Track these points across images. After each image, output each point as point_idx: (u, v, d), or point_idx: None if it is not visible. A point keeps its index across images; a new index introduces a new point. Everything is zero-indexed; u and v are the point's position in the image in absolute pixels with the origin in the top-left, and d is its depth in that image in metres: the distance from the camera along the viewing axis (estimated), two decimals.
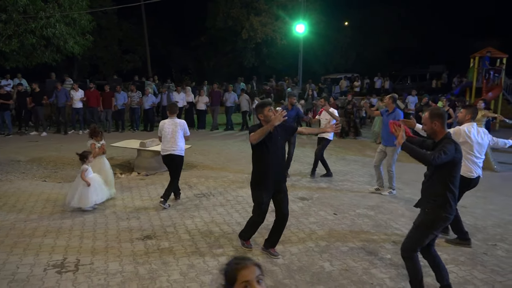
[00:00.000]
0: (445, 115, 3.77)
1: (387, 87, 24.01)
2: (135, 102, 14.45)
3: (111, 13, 23.38)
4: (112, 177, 6.70)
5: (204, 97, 14.88)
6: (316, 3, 26.34)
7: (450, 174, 3.55)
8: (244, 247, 4.70)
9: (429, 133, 3.74)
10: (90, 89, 13.99)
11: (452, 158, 3.48)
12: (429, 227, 3.59)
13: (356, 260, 4.51)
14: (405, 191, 7.36)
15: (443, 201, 3.54)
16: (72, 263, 4.34)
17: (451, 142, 3.56)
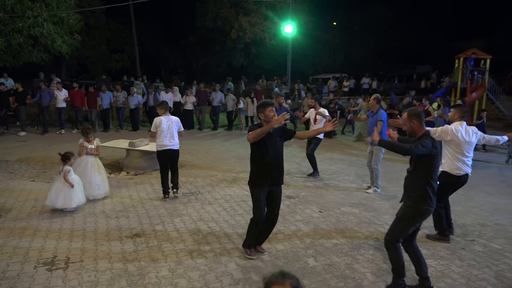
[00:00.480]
0: (423, 114, 3.97)
1: (375, 87, 24.29)
2: (120, 102, 14.43)
3: (99, 12, 23.29)
4: (105, 177, 6.75)
5: (191, 97, 14.92)
6: (305, 3, 26.57)
7: (429, 168, 3.80)
8: (247, 255, 4.58)
9: (409, 132, 3.97)
10: (74, 88, 13.92)
11: (429, 152, 3.72)
12: (410, 219, 3.83)
13: (339, 256, 4.67)
14: (389, 189, 7.55)
15: (423, 195, 3.79)
16: (62, 260, 4.42)
17: (429, 137, 3.81)
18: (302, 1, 25.87)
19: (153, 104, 14.56)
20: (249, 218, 5.77)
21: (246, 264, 4.42)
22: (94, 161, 6.65)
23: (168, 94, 14.76)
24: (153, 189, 7.28)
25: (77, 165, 6.42)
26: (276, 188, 4.50)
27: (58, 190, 5.90)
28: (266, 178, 4.40)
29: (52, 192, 5.91)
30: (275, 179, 4.47)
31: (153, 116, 14.47)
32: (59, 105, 13.48)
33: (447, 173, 5.10)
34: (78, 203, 6.00)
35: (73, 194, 5.92)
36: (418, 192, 3.81)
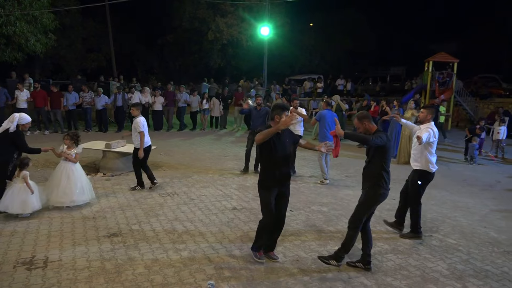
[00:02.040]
0: (369, 115, 4.70)
1: (349, 88, 24.87)
2: (86, 102, 14.35)
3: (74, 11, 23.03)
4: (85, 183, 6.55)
5: (159, 98, 15.01)
6: (281, 6, 26.95)
7: (384, 157, 4.44)
8: (257, 259, 4.62)
9: (363, 131, 4.57)
10: (36, 89, 13.74)
11: (385, 143, 4.34)
12: (369, 202, 4.47)
13: (307, 252, 4.98)
14: (357, 188, 7.91)
15: (379, 180, 4.42)
16: (40, 260, 4.57)
17: (383, 132, 4.47)
18: (278, 3, 26.22)
19: (121, 104, 14.57)
20: (223, 217, 6.10)
21: (219, 261, 4.67)
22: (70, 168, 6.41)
23: (135, 94, 14.73)
24: (130, 190, 7.44)
25: (56, 171, 6.44)
26: (284, 189, 4.53)
27: (14, 194, 5.77)
28: (275, 179, 4.42)
29: (7, 196, 5.76)
30: (284, 180, 4.50)
31: (120, 116, 14.59)
32: (20, 106, 13.18)
33: (426, 172, 5.47)
34: (33, 209, 5.90)
35: (30, 200, 5.83)
36: (375, 179, 4.43)
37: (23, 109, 13.17)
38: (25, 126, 6.28)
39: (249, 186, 7.92)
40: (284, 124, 4.15)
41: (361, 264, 4.58)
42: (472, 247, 5.29)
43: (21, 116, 6.17)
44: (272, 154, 4.38)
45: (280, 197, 4.52)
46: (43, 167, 8.92)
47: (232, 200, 6.99)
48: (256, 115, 9.12)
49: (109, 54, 26.42)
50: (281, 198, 4.54)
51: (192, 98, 15.61)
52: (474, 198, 7.67)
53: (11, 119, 6.09)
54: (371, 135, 4.37)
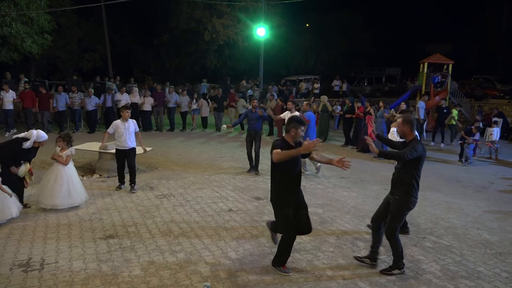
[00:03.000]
0: (414, 121, 4.69)
1: (345, 89, 24.98)
2: (76, 104, 14.20)
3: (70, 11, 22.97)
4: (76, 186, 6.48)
5: (149, 98, 14.95)
6: (277, 7, 26.99)
7: (416, 167, 4.46)
8: (282, 273, 4.49)
9: (401, 134, 4.65)
10: (25, 90, 13.53)
11: (419, 154, 4.37)
12: (402, 210, 4.53)
13: (302, 254, 5.03)
14: (352, 190, 8.00)
15: (410, 189, 4.46)
16: (37, 262, 4.60)
17: (419, 142, 4.50)
18: (274, 4, 26.28)
19: (110, 105, 14.54)
20: (219, 218, 6.13)
21: (214, 263, 4.71)
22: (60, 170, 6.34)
23: (124, 95, 14.68)
24: (126, 191, 7.46)
25: (48, 172, 6.45)
26: (300, 200, 4.47)
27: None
28: (291, 195, 4.35)
29: None
30: (298, 193, 4.45)
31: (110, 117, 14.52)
32: (6, 107, 13.06)
33: None
34: (10, 216, 5.67)
35: (10, 204, 5.63)
36: (406, 186, 4.46)
37: (9, 110, 13.16)
38: (41, 144, 6.26)
39: (245, 187, 7.96)
40: (307, 149, 4.04)
41: (368, 260, 4.74)
42: (465, 249, 5.37)
43: (39, 134, 6.17)
44: (287, 171, 4.29)
45: (300, 209, 4.44)
46: (38, 168, 8.91)
47: (228, 201, 7.03)
48: (251, 117, 9.26)
49: (105, 54, 26.39)
50: (301, 209, 4.45)
51: (181, 99, 15.63)
52: (467, 200, 7.75)
53: (28, 134, 6.12)
54: (405, 150, 4.33)
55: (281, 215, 4.37)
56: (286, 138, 4.35)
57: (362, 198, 7.50)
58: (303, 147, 4.07)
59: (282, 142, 4.28)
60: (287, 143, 4.30)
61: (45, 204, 6.22)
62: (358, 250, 5.19)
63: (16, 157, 6.09)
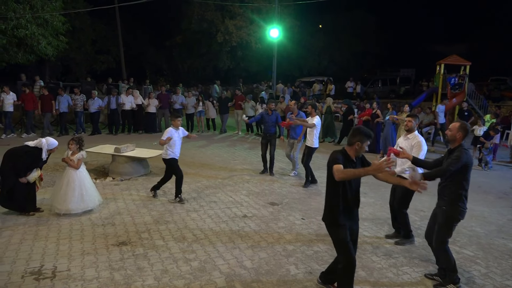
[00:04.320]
0: (469, 130, 4.44)
1: (359, 91, 24.67)
2: (79, 106, 14.13)
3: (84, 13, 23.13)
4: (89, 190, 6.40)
5: (153, 100, 14.88)
6: (290, 7, 26.82)
7: (464, 176, 4.27)
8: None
9: (450, 139, 4.39)
10: (25, 91, 13.45)
11: (464, 163, 4.17)
12: (450, 222, 4.34)
13: (320, 263, 4.85)
14: (369, 195, 7.79)
15: (458, 199, 4.28)
16: (49, 270, 4.50)
17: (464, 151, 4.24)
18: (287, 5, 26.10)
19: (115, 107, 14.48)
20: (233, 225, 5.99)
21: (229, 273, 4.57)
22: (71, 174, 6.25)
23: (129, 97, 14.61)
24: (139, 195, 7.38)
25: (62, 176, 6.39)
26: (356, 224, 4.03)
27: None
28: (350, 215, 3.90)
29: None
30: (357, 213, 4.00)
31: (114, 119, 14.47)
32: (6, 109, 13.07)
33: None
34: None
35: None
36: (452, 196, 4.28)
37: (8, 112, 13.17)
38: (52, 151, 6.30)
39: (259, 192, 7.81)
40: (377, 170, 3.55)
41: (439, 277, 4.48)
42: (490, 260, 5.13)
43: (48, 142, 6.16)
44: (346, 189, 3.80)
45: (351, 233, 3.93)
46: (52, 171, 8.89)
47: (242, 207, 6.88)
48: (268, 120, 9.20)
49: (118, 56, 26.53)
50: (353, 233, 3.95)
51: (187, 100, 15.55)
52: (489, 207, 7.48)
53: (38, 143, 6.09)
54: (446, 164, 4.17)
55: (337, 238, 3.87)
56: (348, 151, 3.82)
57: (379, 205, 7.29)
58: (372, 168, 3.55)
59: (343, 156, 3.76)
60: (348, 157, 3.80)
61: (59, 209, 6.16)
62: (378, 260, 5.00)
63: (32, 167, 6.10)
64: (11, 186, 6.02)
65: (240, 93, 16.58)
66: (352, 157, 3.82)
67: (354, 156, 3.83)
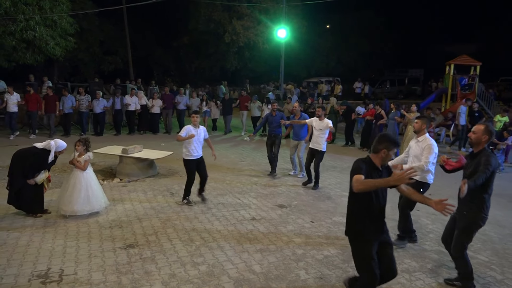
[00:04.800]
0: (494, 133, 4.24)
1: (367, 91, 24.49)
2: (83, 106, 14.09)
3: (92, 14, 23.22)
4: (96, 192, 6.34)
5: (158, 101, 14.82)
6: (298, 8, 26.71)
7: (489, 180, 4.05)
8: None
9: (475, 141, 4.21)
10: (29, 92, 13.45)
11: (494, 167, 4.00)
12: (470, 228, 4.19)
13: (330, 268, 4.76)
14: None
15: (480, 203, 4.10)
16: (56, 273, 4.45)
17: (491, 155, 4.09)
18: (295, 5, 25.99)
19: (119, 108, 14.44)
20: (241, 228, 5.91)
21: (238, 277, 4.48)
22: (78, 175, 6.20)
23: (133, 97, 14.58)
24: (146, 197, 7.33)
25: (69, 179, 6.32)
26: (386, 235, 3.67)
27: None
28: (376, 229, 3.60)
29: None
30: (384, 226, 3.68)
31: (118, 119, 14.45)
32: (10, 109, 13.08)
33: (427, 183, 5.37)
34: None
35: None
36: (476, 201, 4.10)
37: (13, 112, 13.17)
38: (61, 153, 6.31)
39: (267, 194, 7.72)
40: (399, 181, 3.26)
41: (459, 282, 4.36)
42: (505, 266, 5.00)
43: (57, 144, 6.14)
44: (372, 199, 3.51)
45: (384, 247, 3.63)
46: (60, 172, 8.87)
47: (250, 209, 6.80)
48: (272, 121, 9.16)
49: (126, 57, 26.60)
50: (386, 247, 3.64)
51: (192, 101, 15.48)
52: (502, 210, 7.33)
53: (47, 145, 6.06)
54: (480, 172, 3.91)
55: (360, 254, 3.56)
56: (373, 159, 3.56)
57: (390, 208, 7.10)
58: (394, 178, 3.29)
59: (366, 165, 3.49)
60: (372, 165, 3.53)
61: (64, 211, 6.12)
62: None
63: (40, 169, 6.09)
64: (19, 187, 6.00)
65: (245, 94, 16.50)
66: (378, 166, 3.56)
67: (380, 165, 3.57)
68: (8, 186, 6.11)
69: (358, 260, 3.60)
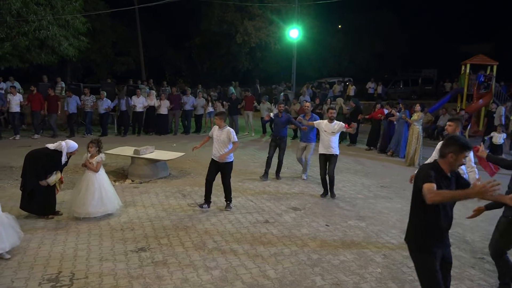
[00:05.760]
0: None
1: (380, 91, 24.18)
2: (88, 106, 14.09)
3: (104, 15, 23.33)
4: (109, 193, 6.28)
5: (165, 101, 14.71)
6: (310, 8, 26.49)
7: None
8: None
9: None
10: (32, 92, 13.43)
11: None
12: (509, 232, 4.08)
13: (347, 274, 4.60)
14: (395, 201, 7.47)
15: None
16: (66, 277, 4.38)
17: None
18: (307, 5, 25.79)
19: (125, 108, 14.38)
20: (255, 231, 5.78)
21: (252, 283, 4.36)
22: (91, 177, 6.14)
23: (140, 98, 14.48)
24: (158, 198, 7.24)
25: (81, 179, 6.27)
26: (448, 249, 3.43)
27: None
28: (441, 239, 3.34)
29: None
30: (448, 236, 3.42)
31: (124, 120, 14.40)
32: (13, 109, 13.11)
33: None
34: (12, 245, 4.80)
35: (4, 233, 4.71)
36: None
37: (16, 113, 13.21)
38: (73, 153, 6.25)
39: (281, 196, 7.59)
40: (480, 194, 2.93)
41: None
42: None
43: (68, 145, 6.08)
44: (440, 209, 3.24)
45: (445, 265, 3.37)
46: (72, 172, 8.85)
47: (263, 212, 6.67)
48: (278, 122, 8.97)
49: (138, 58, 26.68)
50: (446, 265, 3.40)
51: (197, 101, 15.41)
52: None
53: (58, 146, 6.02)
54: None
55: (425, 266, 3.29)
56: (441, 164, 3.24)
57: (406, 211, 6.87)
58: (475, 191, 2.92)
59: (434, 172, 3.17)
60: (441, 172, 3.22)
61: (78, 213, 6.06)
62: (409, 271, 4.71)
63: (52, 170, 6.05)
64: (32, 188, 5.96)
65: (250, 94, 16.34)
66: (446, 172, 3.24)
67: (448, 171, 3.25)
68: (22, 187, 6.08)
69: (423, 272, 3.32)
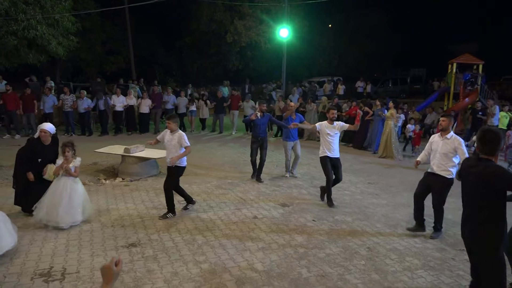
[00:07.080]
0: None
1: (369, 90, 24.47)
2: (68, 106, 13.98)
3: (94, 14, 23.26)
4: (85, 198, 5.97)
5: (146, 100, 14.69)
6: (300, 7, 26.68)
7: None
8: None
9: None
10: (7, 91, 13.26)
11: None
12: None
13: (332, 266, 4.75)
14: (381, 197, 7.66)
15: None
16: (58, 271, 4.47)
17: None
18: (297, 5, 25.97)
19: (103, 108, 14.33)
20: (244, 226, 5.90)
21: (240, 276, 4.49)
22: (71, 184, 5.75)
23: (120, 97, 14.39)
24: (148, 196, 7.34)
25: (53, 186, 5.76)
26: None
27: None
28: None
29: None
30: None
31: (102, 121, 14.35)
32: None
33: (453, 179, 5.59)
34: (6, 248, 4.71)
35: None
36: None
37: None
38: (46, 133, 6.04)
39: (269, 193, 7.73)
40: None
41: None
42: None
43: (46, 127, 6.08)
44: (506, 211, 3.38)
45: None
46: None
47: (252, 208, 6.80)
48: (258, 122, 8.63)
49: (128, 57, 26.64)
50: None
51: (179, 100, 15.46)
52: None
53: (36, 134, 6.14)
54: None
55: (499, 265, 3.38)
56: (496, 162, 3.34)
57: (392, 206, 7.16)
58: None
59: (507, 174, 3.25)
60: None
61: (64, 223, 5.59)
62: (392, 263, 4.88)
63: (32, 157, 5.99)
64: (25, 185, 5.99)
65: (236, 93, 16.45)
66: None
67: None
68: (14, 185, 6.13)
69: (491, 274, 3.42)
